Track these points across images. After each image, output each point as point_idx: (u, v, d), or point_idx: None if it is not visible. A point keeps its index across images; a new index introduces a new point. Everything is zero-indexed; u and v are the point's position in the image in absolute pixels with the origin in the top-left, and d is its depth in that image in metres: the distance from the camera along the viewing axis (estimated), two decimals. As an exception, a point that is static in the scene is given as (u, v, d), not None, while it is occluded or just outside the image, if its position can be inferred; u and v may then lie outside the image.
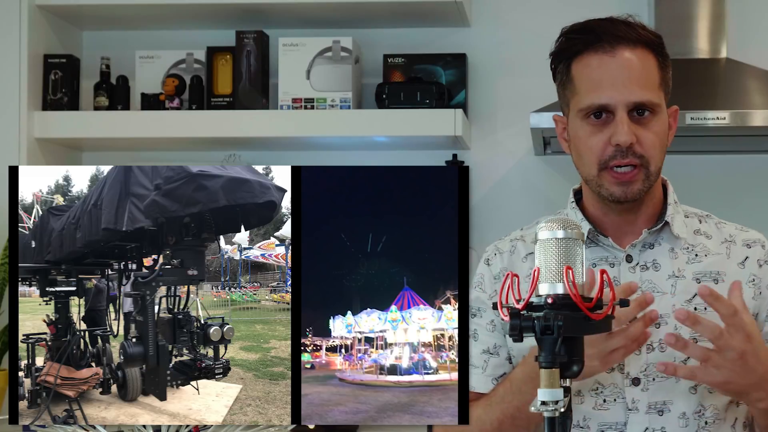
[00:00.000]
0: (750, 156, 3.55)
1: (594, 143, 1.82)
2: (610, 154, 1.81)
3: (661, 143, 1.85)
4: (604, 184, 1.84)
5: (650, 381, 1.84)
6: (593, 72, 1.83)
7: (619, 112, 1.80)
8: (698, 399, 1.84)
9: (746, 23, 3.52)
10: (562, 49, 1.88)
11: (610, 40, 1.82)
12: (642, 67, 1.83)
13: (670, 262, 1.90)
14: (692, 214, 1.99)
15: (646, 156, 1.82)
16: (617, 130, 1.80)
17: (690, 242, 1.93)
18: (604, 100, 1.81)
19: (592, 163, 1.84)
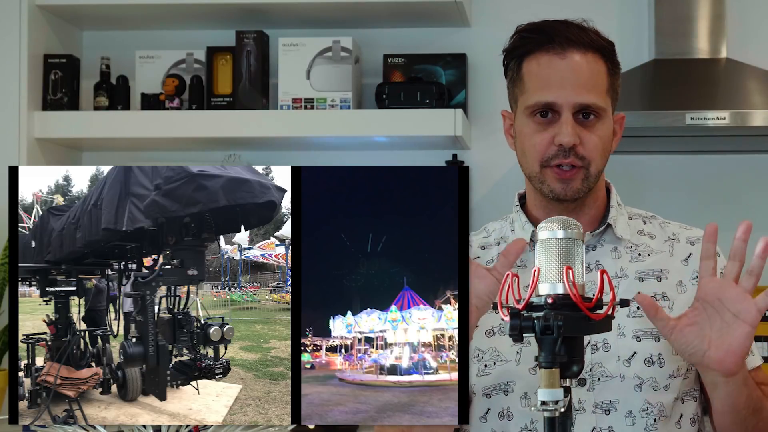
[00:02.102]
0: (750, 156, 3.55)
1: (538, 141, 1.86)
2: (553, 153, 1.85)
3: (603, 147, 1.87)
4: (546, 180, 1.87)
5: (596, 381, 1.85)
6: (542, 71, 1.86)
7: (565, 112, 1.83)
8: (644, 396, 1.85)
9: (746, 23, 3.53)
10: (515, 46, 1.92)
11: (561, 42, 1.85)
12: (591, 71, 1.85)
13: (612, 263, 1.92)
14: (636, 215, 2.01)
15: (588, 158, 1.85)
16: (561, 130, 1.83)
17: (633, 242, 1.95)
18: (550, 99, 1.84)
19: (534, 160, 1.87)
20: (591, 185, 1.88)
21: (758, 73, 3.32)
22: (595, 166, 1.86)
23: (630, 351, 1.86)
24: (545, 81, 1.85)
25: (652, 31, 3.44)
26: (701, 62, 3.38)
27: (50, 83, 3.54)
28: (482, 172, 3.59)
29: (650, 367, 1.85)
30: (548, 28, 1.89)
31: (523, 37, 1.91)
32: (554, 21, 1.91)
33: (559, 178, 1.85)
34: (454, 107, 3.42)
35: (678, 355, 1.74)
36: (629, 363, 1.85)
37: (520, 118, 1.90)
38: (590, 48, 1.86)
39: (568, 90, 1.83)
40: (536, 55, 1.87)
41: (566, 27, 1.88)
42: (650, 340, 1.86)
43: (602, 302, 1.36)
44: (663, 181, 3.54)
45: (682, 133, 3.19)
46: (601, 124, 1.86)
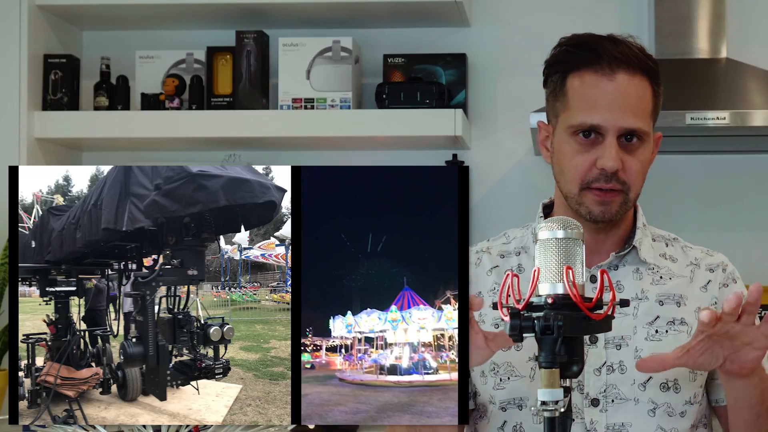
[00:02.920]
0: (750, 156, 3.55)
1: (579, 162, 1.82)
2: (594, 176, 1.81)
3: (644, 171, 1.85)
4: (585, 202, 1.83)
5: (609, 402, 1.84)
6: (589, 91, 1.81)
7: (610, 136, 1.80)
8: (657, 422, 1.84)
9: (746, 23, 3.52)
10: (560, 60, 1.87)
11: (610, 62, 1.81)
12: (637, 95, 1.82)
13: (633, 284, 1.91)
14: (659, 237, 1.99)
15: (629, 183, 1.83)
16: (605, 154, 1.80)
17: (656, 264, 1.93)
18: (596, 121, 1.80)
19: (574, 182, 1.84)
20: (628, 209, 1.86)
21: (758, 73, 3.32)
22: (635, 190, 1.84)
23: (646, 376, 1.84)
24: (591, 102, 1.81)
25: (652, 31, 3.44)
26: (701, 62, 3.38)
27: (50, 83, 3.54)
28: (482, 172, 3.59)
29: (665, 393, 1.84)
30: (596, 45, 1.83)
31: (569, 52, 1.85)
32: (601, 37, 1.85)
33: (599, 200, 1.82)
34: (454, 107, 3.42)
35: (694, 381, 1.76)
36: (644, 387, 1.84)
37: (560, 135, 1.86)
38: (638, 69, 1.82)
39: (615, 113, 1.79)
40: (582, 72, 1.82)
41: (614, 45, 1.83)
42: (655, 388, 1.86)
43: (602, 302, 1.36)
44: (663, 181, 3.53)
45: (682, 133, 3.18)
46: (644, 147, 1.83)
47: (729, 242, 2.03)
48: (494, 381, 1.89)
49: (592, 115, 1.80)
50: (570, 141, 1.83)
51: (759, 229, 3.54)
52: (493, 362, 1.89)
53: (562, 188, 1.87)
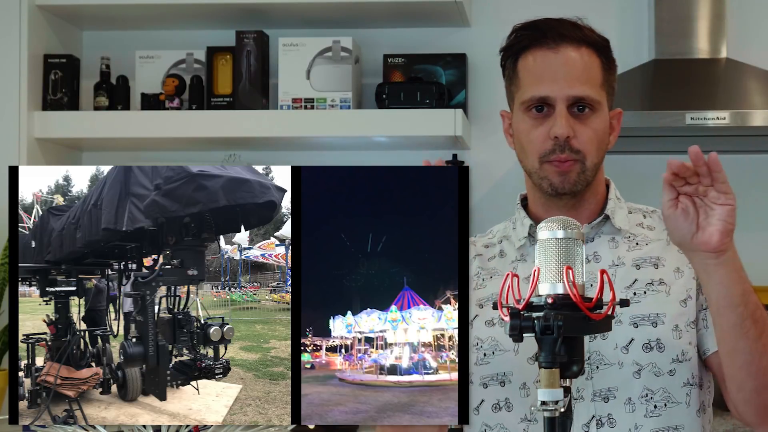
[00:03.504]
0: (750, 156, 3.55)
1: (535, 136, 1.87)
2: (549, 147, 1.86)
3: (599, 140, 1.88)
4: (546, 175, 1.88)
5: (594, 369, 1.85)
6: (536, 66, 1.88)
7: (559, 105, 1.85)
8: (643, 383, 1.84)
9: (746, 23, 3.53)
10: (511, 45, 1.94)
11: (554, 37, 1.87)
12: (584, 65, 1.87)
13: (609, 252, 1.93)
14: (637, 209, 2.02)
15: (583, 151, 1.86)
16: (555, 122, 1.84)
17: (631, 232, 1.95)
18: (544, 93, 1.85)
19: (533, 156, 1.88)
20: (588, 179, 1.88)
21: (758, 73, 3.32)
22: (591, 159, 1.87)
23: (627, 338, 1.85)
24: (539, 75, 1.87)
25: (652, 31, 3.44)
26: (701, 62, 3.38)
27: (50, 83, 3.54)
28: (482, 172, 3.59)
29: (648, 353, 1.85)
30: (542, 24, 1.91)
31: (519, 35, 1.93)
32: (549, 18, 1.92)
33: (557, 170, 1.86)
34: (454, 107, 3.42)
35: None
36: (627, 350, 1.85)
37: (516, 115, 1.92)
38: (583, 43, 1.88)
39: (561, 83, 1.85)
40: (530, 51, 1.90)
41: (559, 23, 1.90)
42: (647, 325, 1.86)
43: (602, 302, 1.36)
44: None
45: (682, 133, 3.19)
46: (596, 117, 1.87)
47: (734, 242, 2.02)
48: (476, 356, 1.90)
49: (540, 87, 1.86)
50: (524, 118, 1.89)
51: (759, 229, 3.54)
52: (476, 337, 1.91)
53: (525, 167, 1.92)
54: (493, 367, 1.89)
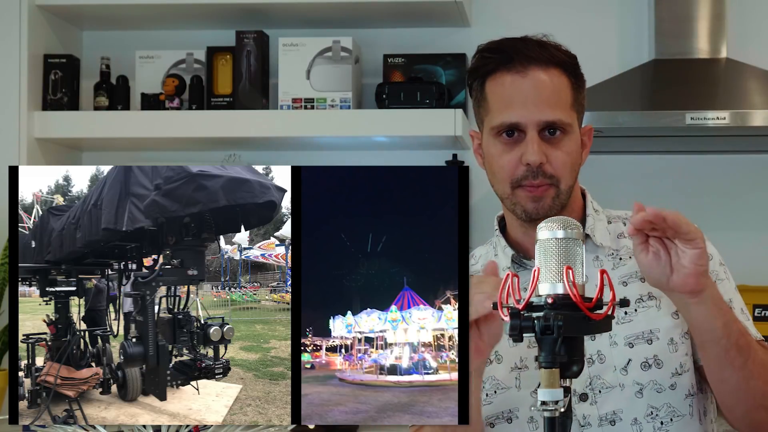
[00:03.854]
0: (750, 156, 3.55)
1: (505, 162, 1.85)
2: (522, 173, 1.84)
3: (572, 162, 1.86)
4: (519, 201, 1.86)
5: (597, 393, 1.85)
6: (505, 91, 1.85)
7: (530, 131, 1.82)
8: (646, 401, 1.84)
9: (746, 23, 3.53)
10: (477, 66, 1.90)
11: (521, 60, 1.84)
12: (553, 88, 1.84)
13: (594, 272, 1.91)
14: (616, 218, 1.99)
15: (557, 176, 1.84)
16: (527, 149, 1.82)
17: (613, 248, 1.93)
18: (514, 119, 1.83)
19: (504, 181, 1.87)
20: (563, 202, 1.87)
21: (758, 73, 3.32)
22: (565, 182, 1.85)
23: (625, 359, 1.85)
24: (508, 101, 1.84)
25: (652, 31, 3.44)
26: (701, 62, 3.38)
27: (50, 83, 3.54)
28: (482, 172, 3.57)
29: (648, 371, 1.85)
30: (508, 47, 1.87)
31: (484, 57, 1.89)
32: (514, 39, 1.88)
33: (531, 196, 1.84)
34: (454, 107, 3.42)
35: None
36: (626, 371, 1.85)
37: (486, 138, 1.90)
38: (551, 64, 1.84)
39: (531, 108, 1.82)
40: (498, 74, 1.86)
41: (525, 45, 1.86)
42: (643, 343, 1.85)
43: (602, 302, 1.36)
44: (663, 181, 3.54)
45: (682, 133, 3.19)
46: (568, 139, 1.85)
47: (729, 242, 2.02)
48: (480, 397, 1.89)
49: (510, 112, 1.83)
50: (495, 143, 1.87)
51: (759, 229, 3.54)
52: None
53: (496, 191, 1.91)
54: (496, 406, 1.88)
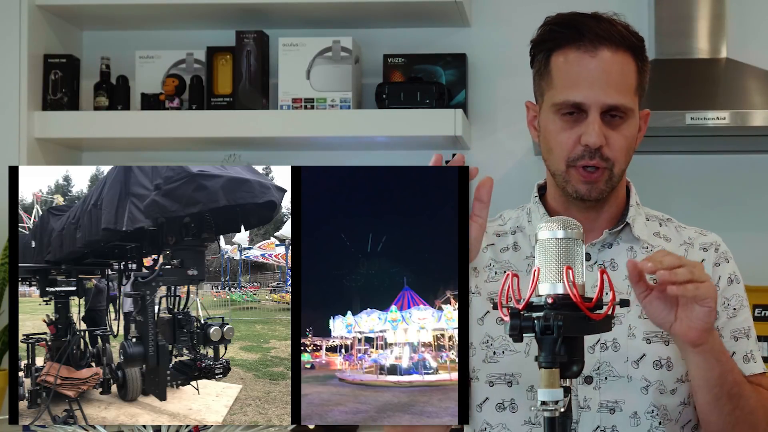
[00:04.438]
0: (750, 156, 3.55)
1: (564, 139, 1.84)
2: (579, 153, 1.83)
3: (628, 147, 1.87)
4: (571, 180, 1.85)
5: (602, 380, 1.85)
6: (572, 68, 1.83)
7: (592, 112, 1.81)
8: (650, 399, 1.84)
9: (746, 23, 3.52)
10: (544, 39, 1.88)
11: (592, 39, 1.82)
12: (621, 71, 1.83)
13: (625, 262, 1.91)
14: (653, 217, 2.00)
15: (612, 159, 1.84)
16: (588, 130, 1.81)
17: (649, 242, 1.94)
18: (579, 99, 1.81)
19: (560, 159, 1.85)
20: (614, 185, 1.87)
21: (758, 73, 3.32)
22: (619, 166, 1.85)
23: (639, 353, 1.85)
24: (574, 79, 1.82)
25: (652, 31, 3.44)
26: (701, 62, 3.38)
27: (50, 83, 3.54)
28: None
29: (658, 371, 1.85)
30: (579, 23, 1.84)
31: (553, 30, 1.86)
32: (585, 15, 1.86)
33: (584, 179, 1.84)
34: (454, 107, 3.42)
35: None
36: (637, 365, 1.85)
37: (545, 113, 1.88)
38: (621, 45, 1.82)
39: (597, 90, 1.80)
40: (565, 50, 1.84)
41: (597, 22, 1.83)
42: (660, 343, 1.85)
43: (602, 302, 1.36)
44: (663, 181, 3.54)
45: (682, 133, 3.18)
46: (628, 124, 1.84)
47: (729, 242, 2.02)
48: (485, 354, 1.89)
49: (575, 92, 1.82)
50: (555, 119, 1.85)
51: (759, 229, 3.54)
52: (487, 334, 1.90)
53: (549, 167, 1.89)
54: (501, 366, 1.88)
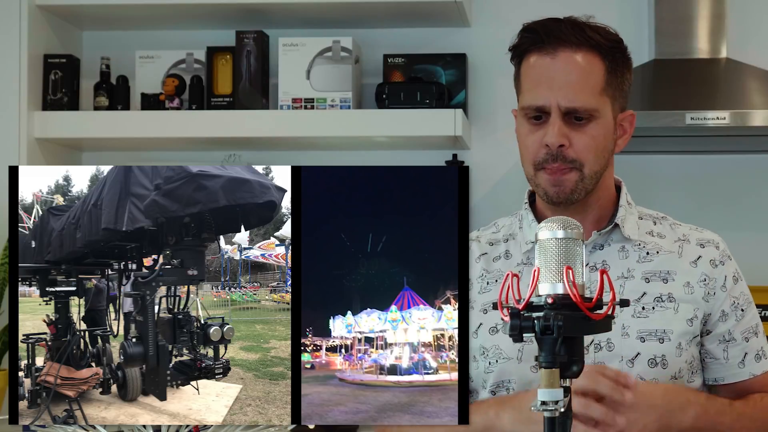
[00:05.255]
0: (750, 156, 3.55)
1: (530, 142, 1.85)
2: (543, 156, 1.84)
3: (597, 147, 1.84)
4: (541, 183, 1.87)
5: None
6: (534, 72, 1.84)
7: (552, 114, 1.82)
8: None
9: (746, 23, 3.52)
10: (514, 45, 1.90)
11: (552, 42, 1.83)
12: (581, 72, 1.82)
13: (620, 263, 1.91)
14: (647, 215, 2.00)
15: (579, 159, 1.83)
16: (548, 131, 1.82)
17: (642, 241, 1.93)
18: (540, 102, 1.83)
19: (528, 162, 1.87)
20: (588, 187, 1.86)
21: (758, 73, 3.32)
22: (589, 167, 1.84)
23: (634, 352, 1.85)
24: (536, 82, 1.84)
25: (652, 31, 3.44)
26: (701, 62, 3.38)
27: (50, 83, 3.54)
28: (482, 172, 3.59)
29: (653, 369, 1.85)
30: (541, 26, 1.86)
31: (522, 36, 1.89)
32: (551, 19, 1.88)
33: (552, 180, 1.84)
34: (454, 107, 3.42)
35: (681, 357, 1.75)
36: (632, 363, 1.85)
37: (519, 118, 1.90)
38: (583, 46, 1.83)
39: (556, 92, 1.81)
40: (531, 54, 1.86)
41: (559, 26, 1.85)
42: (654, 341, 1.85)
43: (602, 302, 1.36)
44: (663, 181, 3.54)
45: (682, 133, 3.18)
46: (595, 124, 1.83)
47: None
48: (484, 365, 1.90)
49: (536, 96, 1.83)
50: (524, 123, 1.87)
51: (759, 229, 3.54)
52: (482, 346, 1.91)
53: (524, 170, 1.91)
54: (496, 375, 1.90)
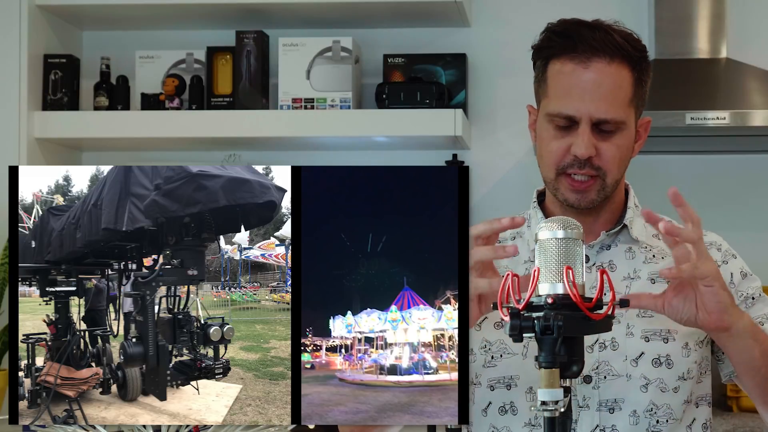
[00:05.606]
0: (750, 156, 3.55)
1: (554, 148, 1.85)
2: (569, 162, 1.84)
3: (621, 157, 1.86)
4: (560, 188, 1.86)
5: (601, 379, 1.85)
6: (565, 80, 1.83)
7: (583, 124, 1.81)
8: (650, 397, 1.85)
9: (746, 23, 3.53)
10: (542, 47, 1.89)
11: (585, 50, 1.82)
12: (613, 83, 1.82)
13: (626, 263, 1.92)
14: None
15: (604, 168, 1.84)
16: (578, 141, 1.81)
17: (648, 243, 1.94)
18: (570, 112, 1.82)
19: (550, 167, 1.86)
20: (607, 194, 1.87)
21: (758, 73, 3.32)
22: (612, 176, 1.85)
23: (638, 351, 1.86)
24: (567, 91, 1.82)
25: (652, 31, 3.44)
26: (701, 62, 3.38)
27: (50, 83, 3.54)
28: (482, 172, 3.59)
29: (657, 368, 1.85)
30: (574, 32, 1.84)
31: (550, 38, 1.87)
32: (582, 24, 1.86)
33: (573, 188, 1.85)
34: (454, 107, 3.42)
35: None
36: (636, 363, 1.85)
37: (541, 120, 1.89)
38: (616, 56, 1.82)
39: (588, 103, 1.80)
40: (560, 59, 1.84)
41: (593, 32, 1.83)
42: (659, 340, 1.86)
43: (602, 302, 1.36)
44: (663, 181, 3.53)
45: (682, 133, 3.19)
46: (621, 135, 1.84)
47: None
48: (484, 359, 1.90)
49: (567, 104, 1.82)
50: (548, 127, 1.86)
51: (759, 229, 3.54)
52: (485, 339, 1.90)
53: (542, 172, 1.91)
54: (499, 370, 1.89)
